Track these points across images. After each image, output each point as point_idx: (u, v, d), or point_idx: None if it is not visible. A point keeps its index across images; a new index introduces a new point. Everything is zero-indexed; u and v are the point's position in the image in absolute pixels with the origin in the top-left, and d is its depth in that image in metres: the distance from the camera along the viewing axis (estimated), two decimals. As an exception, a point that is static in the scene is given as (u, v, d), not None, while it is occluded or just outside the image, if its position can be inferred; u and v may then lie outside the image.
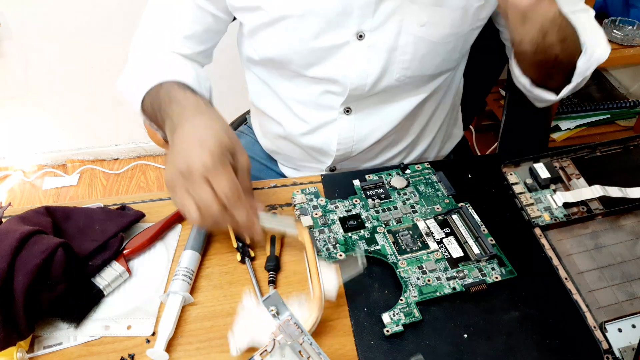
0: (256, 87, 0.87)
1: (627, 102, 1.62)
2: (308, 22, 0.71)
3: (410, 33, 0.73)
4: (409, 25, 0.72)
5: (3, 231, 0.57)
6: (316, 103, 0.81)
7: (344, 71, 0.75)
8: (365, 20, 0.71)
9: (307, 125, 0.84)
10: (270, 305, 0.53)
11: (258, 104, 0.90)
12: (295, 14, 0.70)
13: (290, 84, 0.81)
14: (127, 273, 0.64)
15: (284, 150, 0.93)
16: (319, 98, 0.80)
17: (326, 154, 0.87)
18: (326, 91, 0.79)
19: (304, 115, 0.83)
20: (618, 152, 0.78)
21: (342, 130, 0.83)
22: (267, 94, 0.86)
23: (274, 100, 0.85)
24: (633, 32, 1.47)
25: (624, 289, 0.62)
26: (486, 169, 0.77)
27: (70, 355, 0.57)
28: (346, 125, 0.82)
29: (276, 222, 0.61)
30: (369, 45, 0.73)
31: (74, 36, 1.68)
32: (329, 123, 0.83)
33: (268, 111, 0.88)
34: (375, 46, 0.73)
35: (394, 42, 0.73)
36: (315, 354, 0.53)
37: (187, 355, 0.57)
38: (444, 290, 0.61)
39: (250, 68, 0.86)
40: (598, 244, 0.67)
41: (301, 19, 0.71)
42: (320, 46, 0.73)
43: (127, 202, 0.73)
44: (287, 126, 0.86)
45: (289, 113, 0.85)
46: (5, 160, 2.00)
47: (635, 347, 0.56)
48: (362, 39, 0.73)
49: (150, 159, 2.05)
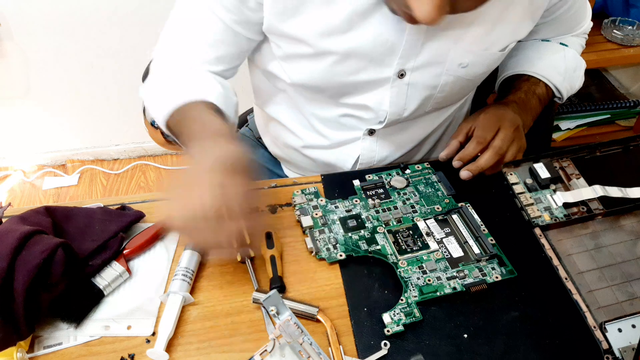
0: (272, 96, 0.84)
1: (627, 102, 1.62)
2: (351, 59, 0.70)
3: (451, 74, 0.72)
4: (450, 66, 0.71)
5: (3, 231, 0.57)
6: (339, 123, 0.80)
7: (379, 105, 0.75)
8: (409, 60, 0.70)
9: (326, 140, 0.83)
10: (270, 305, 0.53)
11: (272, 112, 0.86)
12: (339, 52, 0.68)
13: (315, 103, 0.79)
14: (127, 273, 0.64)
15: (294, 159, 0.92)
16: (344, 119, 0.79)
17: (340, 170, 0.86)
18: (353, 116, 0.78)
19: (325, 132, 0.82)
20: (618, 152, 0.78)
21: (364, 150, 0.82)
22: (285, 105, 0.83)
23: (293, 112, 0.83)
24: (633, 32, 1.47)
25: (624, 289, 0.62)
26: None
27: (70, 355, 0.57)
28: (368, 145, 0.82)
29: (302, 307, 0.61)
30: (408, 83, 0.73)
31: (74, 36, 1.68)
32: (350, 142, 0.82)
33: (284, 121, 0.85)
34: (415, 85, 0.73)
35: (434, 82, 0.73)
36: (315, 354, 0.53)
37: (187, 355, 0.57)
38: (444, 290, 0.61)
39: (271, 80, 0.81)
40: (598, 244, 0.67)
41: (345, 57, 0.69)
42: (358, 80, 0.72)
43: (127, 202, 0.73)
44: (304, 139, 0.85)
45: (308, 128, 0.83)
46: (5, 160, 2.00)
47: (635, 347, 0.56)
48: (402, 77, 0.72)
49: (150, 159, 2.05)
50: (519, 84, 0.83)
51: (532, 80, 0.83)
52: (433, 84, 0.73)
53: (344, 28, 0.66)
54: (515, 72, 0.85)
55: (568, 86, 0.85)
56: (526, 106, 0.80)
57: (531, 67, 0.84)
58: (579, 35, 0.90)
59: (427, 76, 0.72)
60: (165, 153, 2.05)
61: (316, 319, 0.59)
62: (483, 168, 0.73)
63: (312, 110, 0.80)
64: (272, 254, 0.65)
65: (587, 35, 0.92)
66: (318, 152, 0.86)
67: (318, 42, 0.68)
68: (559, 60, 0.84)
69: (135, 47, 1.70)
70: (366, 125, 0.79)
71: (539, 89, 0.83)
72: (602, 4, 1.54)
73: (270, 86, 0.83)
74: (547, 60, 0.84)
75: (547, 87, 0.83)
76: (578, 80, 0.87)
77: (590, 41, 1.46)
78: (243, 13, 0.68)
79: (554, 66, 0.84)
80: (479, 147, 0.73)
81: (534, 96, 0.82)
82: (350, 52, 0.68)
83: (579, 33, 0.89)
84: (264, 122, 0.95)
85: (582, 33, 0.90)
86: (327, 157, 0.85)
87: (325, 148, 0.85)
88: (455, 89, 0.76)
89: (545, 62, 0.84)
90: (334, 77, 0.72)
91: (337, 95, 0.76)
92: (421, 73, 0.72)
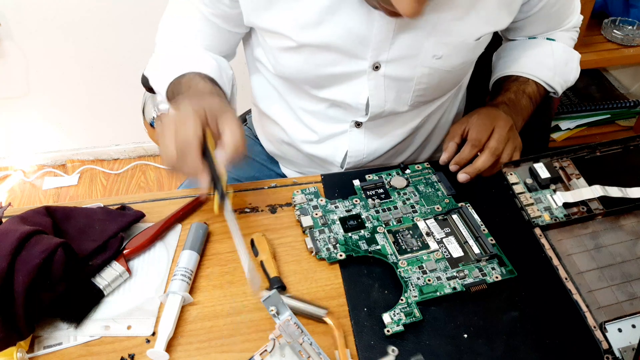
0: (264, 91, 0.86)
1: (627, 102, 1.62)
2: (325, 52, 0.71)
3: (426, 65, 0.73)
4: (424, 58, 0.72)
5: (3, 231, 0.57)
6: (326, 115, 0.81)
7: (357, 97, 0.76)
8: (381, 53, 0.71)
9: (315, 135, 0.84)
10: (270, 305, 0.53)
11: (264, 108, 0.89)
12: (313, 44, 0.70)
13: (300, 95, 0.81)
14: (127, 273, 0.64)
15: (288, 156, 0.93)
16: (329, 111, 0.80)
17: (331, 164, 0.87)
18: (339, 106, 0.79)
19: (313, 125, 0.83)
20: (618, 152, 0.78)
21: (352, 143, 0.83)
22: (275, 100, 0.85)
23: (283, 106, 0.85)
24: (633, 32, 1.47)
25: (624, 289, 0.62)
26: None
27: (70, 355, 0.57)
28: (356, 138, 0.83)
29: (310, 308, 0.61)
30: (384, 75, 0.73)
31: (74, 36, 1.68)
32: (338, 135, 0.83)
33: (275, 117, 0.87)
34: (391, 76, 0.74)
35: (410, 74, 0.74)
36: (315, 354, 0.53)
37: (187, 355, 0.57)
38: (444, 290, 0.61)
39: (261, 70, 0.84)
40: (598, 244, 0.67)
41: (319, 48, 0.71)
42: (335, 73, 0.73)
43: (127, 202, 0.73)
44: (294, 134, 0.86)
45: (297, 121, 0.84)
46: (5, 160, 2.00)
47: (635, 347, 0.56)
48: (377, 69, 0.73)
49: (150, 159, 2.05)
50: (508, 85, 0.83)
51: (520, 80, 0.83)
52: (409, 76, 0.74)
53: (314, 21, 0.68)
54: (504, 73, 0.85)
55: (561, 80, 0.85)
56: (516, 106, 0.80)
57: (518, 67, 0.84)
58: (569, 29, 0.89)
59: (402, 68, 0.73)
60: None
61: (324, 321, 0.59)
62: (480, 170, 0.73)
63: (299, 104, 0.82)
64: (260, 259, 0.65)
65: (579, 30, 0.91)
66: (308, 146, 0.86)
67: (295, 35, 0.70)
68: (546, 56, 0.84)
69: (135, 47, 1.71)
70: (352, 117, 0.80)
71: (529, 87, 0.83)
72: (602, 4, 1.54)
73: (263, 80, 0.85)
74: (534, 57, 0.84)
75: (537, 85, 0.84)
76: (572, 72, 0.87)
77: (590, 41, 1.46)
78: (219, 8, 0.74)
79: (542, 62, 0.84)
80: (474, 150, 0.74)
81: (524, 95, 0.82)
82: (324, 45, 0.70)
83: (568, 28, 0.88)
84: (259, 118, 0.97)
85: (572, 27, 0.89)
86: (317, 151, 0.86)
87: (314, 143, 0.85)
88: (433, 81, 0.76)
89: (532, 60, 0.84)
90: (312, 70, 0.73)
91: (318, 86, 0.77)
92: (396, 65, 0.72)
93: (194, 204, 0.73)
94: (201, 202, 0.73)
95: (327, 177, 0.77)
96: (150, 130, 1.05)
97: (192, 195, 0.75)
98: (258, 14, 0.71)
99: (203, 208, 0.74)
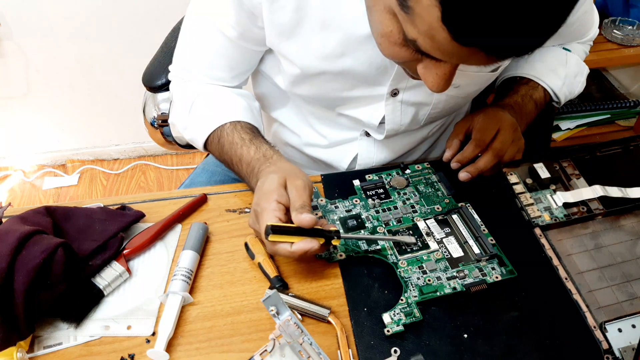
0: (273, 96, 0.85)
1: (627, 102, 1.62)
2: (344, 78, 0.71)
3: (444, 94, 0.73)
4: None
5: (3, 231, 0.57)
6: (337, 122, 0.81)
7: (372, 117, 0.76)
8: (400, 81, 0.71)
9: (324, 139, 0.84)
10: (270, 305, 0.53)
11: (272, 112, 0.88)
12: (333, 71, 0.70)
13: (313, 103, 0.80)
14: (127, 273, 0.64)
15: (293, 159, 0.92)
16: (341, 119, 0.80)
17: (336, 169, 0.87)
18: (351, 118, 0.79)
19: (322, 131, 0.83)
20: (618, 152, 0.78)
21: (362, 150, 0.83)
22: (284, 103, 0.85)
23: (292, 111, 0.85)
24: (633, 32, 1.47)
25: (624, 289, 0.62)
26: (486, 169, 0.77)
27: (70, 355, 0.57)
28: (366, 146, 0.83)
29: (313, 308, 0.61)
30: (402, 101, 0.74)
31: (74, 36, 1.68)
32: (347, 142, 0.83)
33: (284, 120, 0.87)
34: (408, 102, 0.74)
35: (427, 100, 0.74)
36: (315, 354, 0.53)
37: (187, 355, 0.57)
38: (444, 290, 0.61)
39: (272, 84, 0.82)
40: (598, 244, 0.67)
41: (338, 75, 0.71)
42: (352, 96, 0.74)
43: (127, 202, 0.73)
44: (302, 137, 0.86)
45: (307, 125, 0.84)
46: (5, 160, 2.00)
47: (635, 347, 0.56)
48: (396, 95, 0.73)
49: (150, 159, 2.04)
50: (517, 87, 0.83)
51: (531, 84, 0.83)
52: (426, 101, 0.75)
53: (338, 53, 0.68)
54: (516, 74, 0.85)
55: (567, 91, 0.85)
56: (522, 111, 0.80)
57: (531, 70, 0.83)
58: (585, 42, 0.89)
59: (420, 95, 0.73)
60: (165, 153, 2.05)
61: (327, 320, 0.59)
62: (482, 170, 0.73)
63: (310, 109, 0.82)
64: (257, 261, 0.65)
65: (593, 42, 0.91)
66: (315, 150, 0.86)
67: (316, 64, 0.70)
68: (560, 65, 0.84)
69: (135, 47, 1.70)
70: (363, 127, 0.80)
71: (537, 93, 0.83)
72: (602, 4, 1.54)
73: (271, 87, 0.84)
74: (549, 63, 0.84)
75: (545, 92, 0.83)
76: (578, 86, 0.87)
77: (590, 41, 1.46)
78: (251, 30, 0.71)
79: (555, 70, 0.83)
80: (477, 149, 0.74)
81: (531, 100, 0.82)
82: (343, 72, 0.70)
83: (585, 41, 0.89)
84: (265, 121, 0.95)
85: (588, 40, 0.90)
86: (324, 155, 0.86)
87: (322, 147, 0.85)
88: (448, 105, 0.77)
89: (546, 66, 0.83)
90: (329, 92, 0.74)
91: (332, 106, 0.77)
92: (414, 92, 0.73)
93: (194, 204, 0.73)
94: (201, 202, 0.74)
95: (327, 177, 0.77)
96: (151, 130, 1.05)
97: (192, 195, 0.75)
98: (281, 40, 0.70)
99: (203, 208, 0.74)
